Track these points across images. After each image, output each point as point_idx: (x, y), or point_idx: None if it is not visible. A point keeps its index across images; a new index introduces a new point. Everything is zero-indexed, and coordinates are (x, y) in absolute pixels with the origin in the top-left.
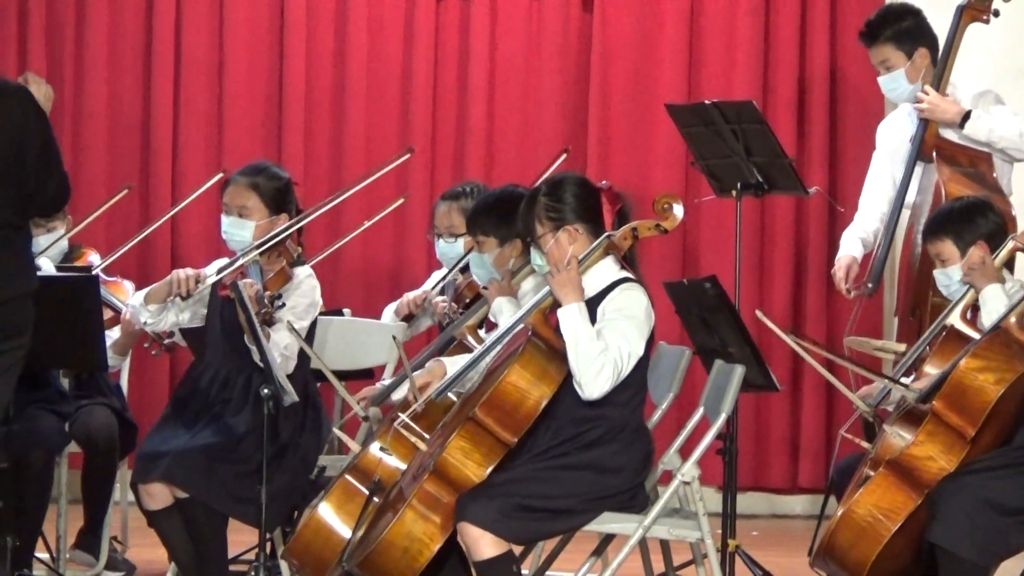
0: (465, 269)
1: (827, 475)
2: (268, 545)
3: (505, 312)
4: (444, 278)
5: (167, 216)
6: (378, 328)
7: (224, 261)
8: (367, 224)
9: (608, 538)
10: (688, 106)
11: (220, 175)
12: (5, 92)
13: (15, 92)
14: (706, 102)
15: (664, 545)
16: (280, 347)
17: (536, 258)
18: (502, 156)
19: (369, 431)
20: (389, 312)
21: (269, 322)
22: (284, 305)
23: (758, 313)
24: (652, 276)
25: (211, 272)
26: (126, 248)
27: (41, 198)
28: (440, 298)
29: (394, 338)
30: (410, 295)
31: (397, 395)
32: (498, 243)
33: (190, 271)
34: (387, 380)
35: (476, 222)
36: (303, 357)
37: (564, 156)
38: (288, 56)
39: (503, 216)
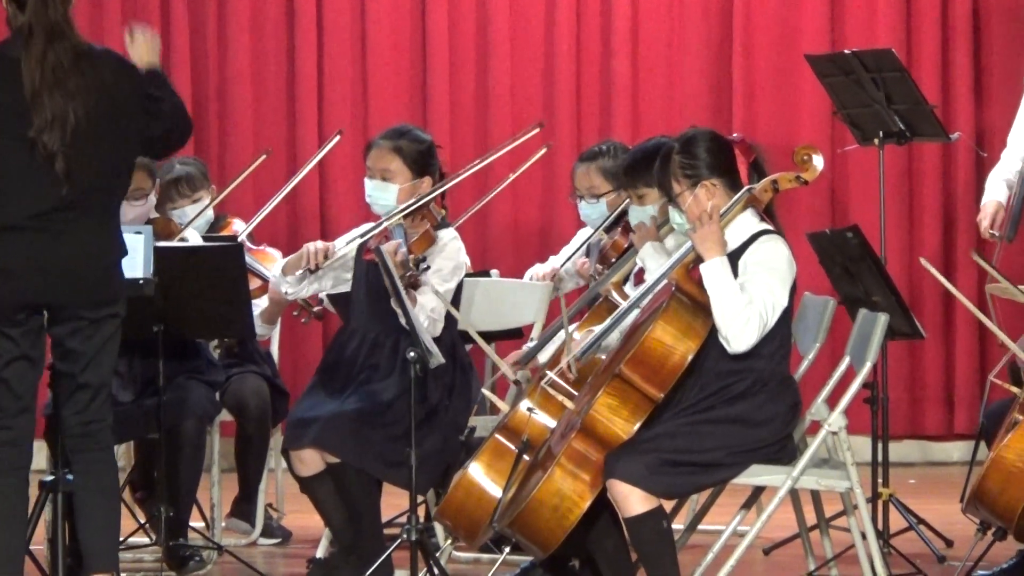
0: (610, 229)
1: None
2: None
3: (651, 258)
4: (589, 238)
5: (289, 185)
6: (526, 288)
7: (368, 226)
8: (511, 177)
9: (759, 490)
10: (828, 56)
11: (337, 136)
12: (94, 55)
13: (105, 55)
14: (846, 51)
15: (815, 496)
16: (426, 310)
17: (675, 216)
18: (647, 112)
19: (519, 391)
20: (528, 277)
21: (415, 285)
22: (429, 268)
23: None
24: (800, 227)
25: (341, 244)
26: (264, 213)
27: (155, 142)
28: (583, 259)
29: (561, 300)
30: (538, 271)
31: (544, 355)
32: (660, 194)
33: (319, 245)
34: (535, 340)
35: (636, 175)
36: (451, 319)
37: None
38: (430, 16)
39: None
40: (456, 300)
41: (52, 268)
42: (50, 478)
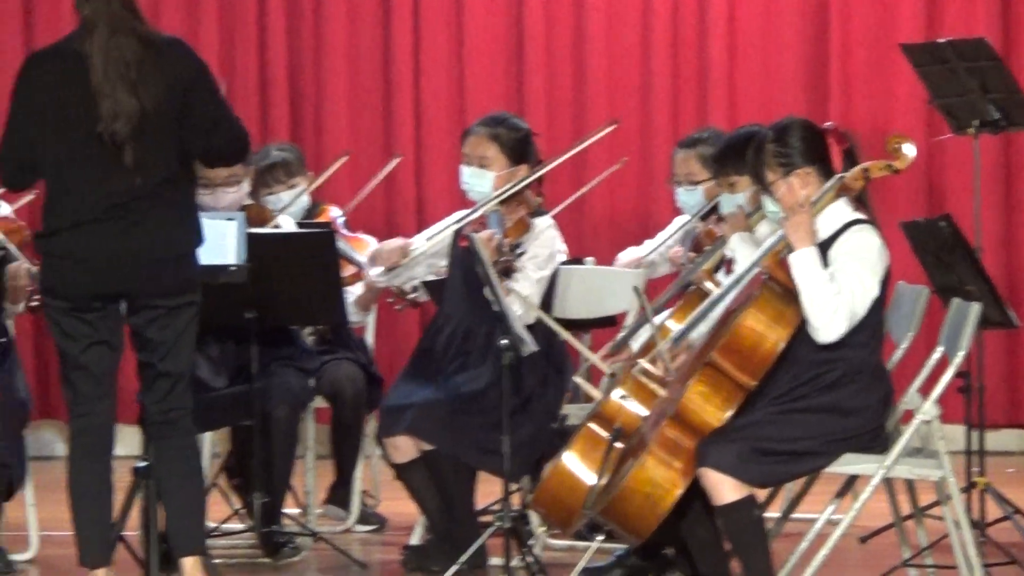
0: (706, 217)
1: None
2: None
3: (741, 249)
4: (684, 225)
5: (373, 183)
6: (619, 276)
7: (461, 214)
8: (585, 189)
9: (852, 479)
10: (922, 45)
11: (396, 159)
12: (161, 44)
13: (172, 44)
14: (940, 40)
15: (910, 485)
16: (522, 297)
17: (769, 204)
18: (743, 100)
19: (611, 379)
20: (621, 259)
21: (509, 271)
22: (524, 253)
23: None
24: (897, 217)
25: (420, 241)
26: (355, 204)
27: (211, 151)
28: (676, 247)
29: (635, 289)
30: (628, 255)
31: (636, 343)
32: (752, 181)
33: (396, 243)
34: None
35: (726, 163)
36: (546, 306)
37: None
38: (527, 3)
39: None
40: (550, 289)
41: (125, 258)
42: (143, 464)
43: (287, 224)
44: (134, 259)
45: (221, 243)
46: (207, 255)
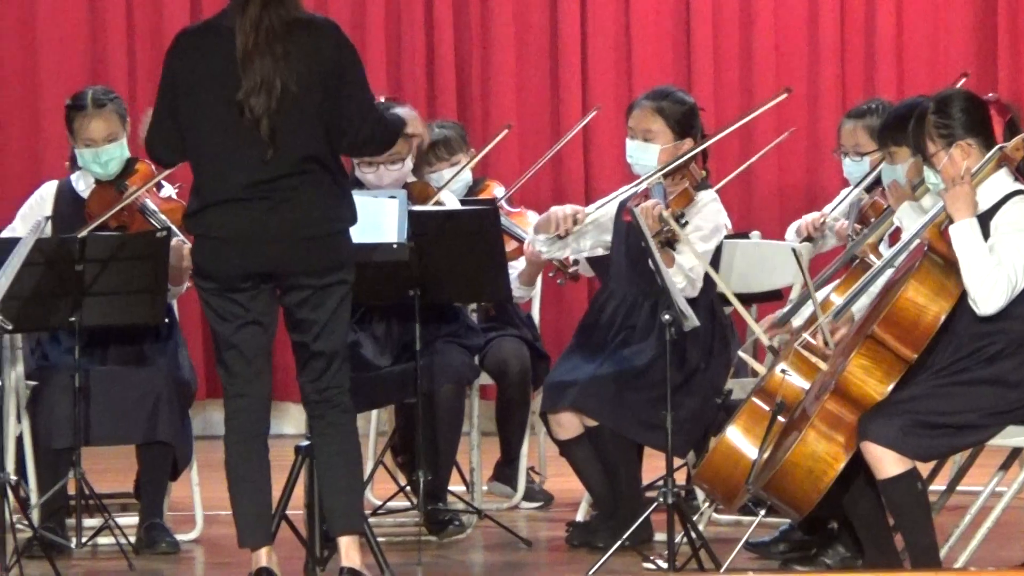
0: (870, 188)
1: None
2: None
3: (908, 219)
4: (846, 197)
5: (544, 158)
6: (784, 249)
7: (627, 187)
8: (752, 160)
9: (1016, 452)
10: None
11: (594, 111)
12: (312, 25)
13: (324, 25)
14: None
15: None
16: (684, 270)
17: (930, 176)
18: (911, 71)
19: (775, 353)
20: (792, 231)
21: (672, 242)
22: (688, 223)
23: None
24: None
25: (592, 209)
26: (522, 182)
27: (354, 138)
28: (842, 220)
29: (794, 251)
30: (808, 217)
31: (799, 317)
32: (911, 152)
33: (567, 209)
34: (793, 301)
35: (888, 132)
36: (710, 280)
37: (963, 79)
38: None
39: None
40: (715, 262)
41: (270, 237)
42: (305, 443)
43: (450, 201)
44: (279, 238)
45: (383, 221)
46: (368, 233)
